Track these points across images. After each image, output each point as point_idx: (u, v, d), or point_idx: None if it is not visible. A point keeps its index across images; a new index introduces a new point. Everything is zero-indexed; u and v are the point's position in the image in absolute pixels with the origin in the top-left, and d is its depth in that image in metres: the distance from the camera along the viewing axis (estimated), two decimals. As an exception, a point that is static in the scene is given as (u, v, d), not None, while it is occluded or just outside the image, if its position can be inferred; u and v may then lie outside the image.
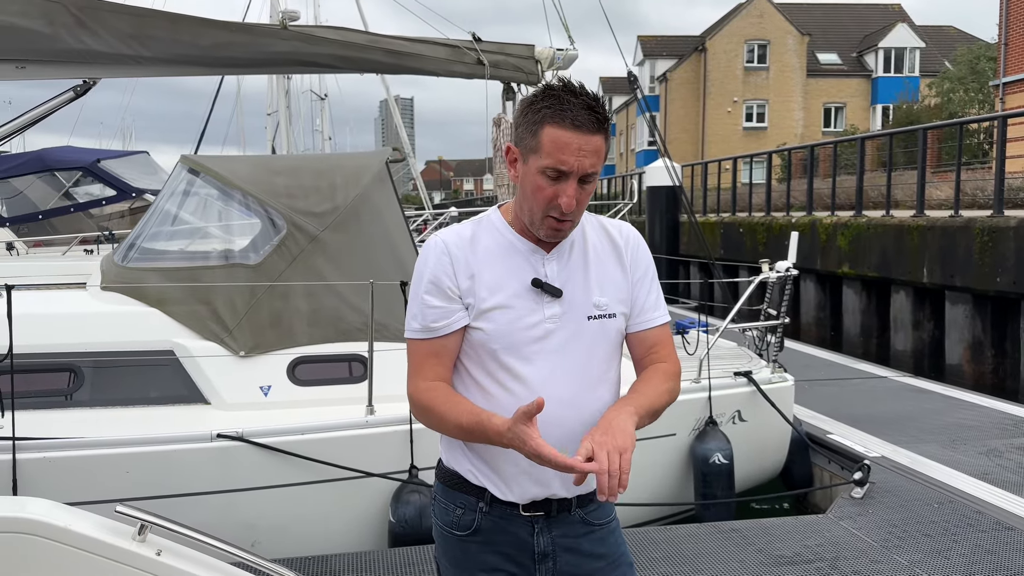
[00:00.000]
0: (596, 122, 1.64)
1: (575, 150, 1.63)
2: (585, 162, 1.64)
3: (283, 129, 20.39)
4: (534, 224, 1.72)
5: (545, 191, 1.66)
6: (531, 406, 1.53)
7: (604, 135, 1.67)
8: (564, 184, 1.65)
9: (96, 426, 4.07)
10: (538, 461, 1.56)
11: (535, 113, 1.67)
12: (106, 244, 9.30)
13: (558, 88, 1.67)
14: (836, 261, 11.88)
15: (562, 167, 1.63)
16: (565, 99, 1.64)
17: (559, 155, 1.63)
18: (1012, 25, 21.60)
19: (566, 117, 1.62)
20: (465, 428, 1.68)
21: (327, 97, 29.94)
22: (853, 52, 41.14)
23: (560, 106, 1.63)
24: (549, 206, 1.67)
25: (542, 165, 1.65)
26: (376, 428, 4.24)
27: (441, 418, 1.73)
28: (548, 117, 1.64)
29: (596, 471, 1.51)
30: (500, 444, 1.62)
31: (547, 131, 1.64)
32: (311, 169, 5.13)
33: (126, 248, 4.98)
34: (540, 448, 1.53)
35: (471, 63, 5.75)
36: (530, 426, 1.55)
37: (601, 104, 1.67)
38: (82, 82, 4.90)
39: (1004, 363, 9.11)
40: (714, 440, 4.81)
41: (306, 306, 4.69)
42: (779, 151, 18.06)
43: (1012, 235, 8.58)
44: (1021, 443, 5.69)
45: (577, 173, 1.64)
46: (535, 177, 1.68)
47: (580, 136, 1.63)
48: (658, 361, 1.86)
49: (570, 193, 1.65)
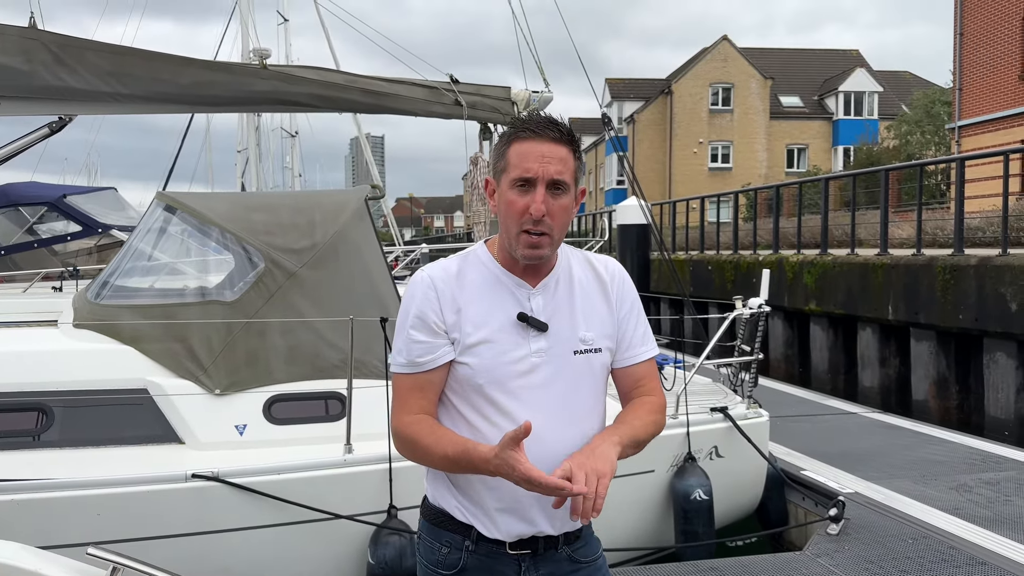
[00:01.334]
0: (558, 132, 1.73)
1: (538, 156, 1.70)
2: (550, 168, 1.70)
3: (253, 166, 20.33)
4: (511, 245, 1.75)
5: (516, 204, 1.72)
6: (518, 431, 1.54)
7: (569, 149, 1.74)
8: (533, 192, 1.71)
9: (66, 467, 3.97)
10: (527, 487, 1.57)
11: (504, 140, 1.77)
12: (70, 280, 9.14)
13: (523, 117, 1.80)
14: (803, 298, 12.08)
15: (527, 174, 1.70)
16: (529, 119, 1.76)
17: (523, 164, 1.71)
18: (965, 71, 22.44)
19: (528, 130, 1.73)
20: (451, 458, 1.69)
21: (297, 134, 29.99)
22: (814, 95, 42.32)
23: (523, 124, 1.75)
24: (522, 219, 1.71)
25: (511, 179, 1.73)
26: (354, 467, 4.18)
27: (427, 450, 1.73)
28: (513, 136, 1.75)
29: (581, 492, 1.54)
30: (487, 472, 1.63)
31: (513, 148, 1.74)
32: (290, 206, 5.13)
33: (99, 285, 4.92)
34: (529, 472, 1.54)
35: (449, 104, 5.84)
36: (518, 451, 1.56)
37: (564, 124, 1.76)
38: (58, 118, 4.88)
39: (968, 398, 9.29)
40: (694, 476, 4.83)
41: (283, 343, 4.66)
42: (745, 191, 18.42)
43: (973, 273, 8.81)
44: (989, 478, 5.79)
45: (543, 179, 1.70)
46: (507, 194, 1.74)
47: (542, 144, 1.71)
48: (645, 394, 1.88)
49: (538, 199, 1.69)
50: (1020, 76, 20.59)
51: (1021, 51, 20.61)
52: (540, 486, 1.55)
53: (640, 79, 44.72)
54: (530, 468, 1.54)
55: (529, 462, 1.56)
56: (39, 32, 4.64)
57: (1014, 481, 5.69)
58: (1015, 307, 8.25)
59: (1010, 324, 8.32)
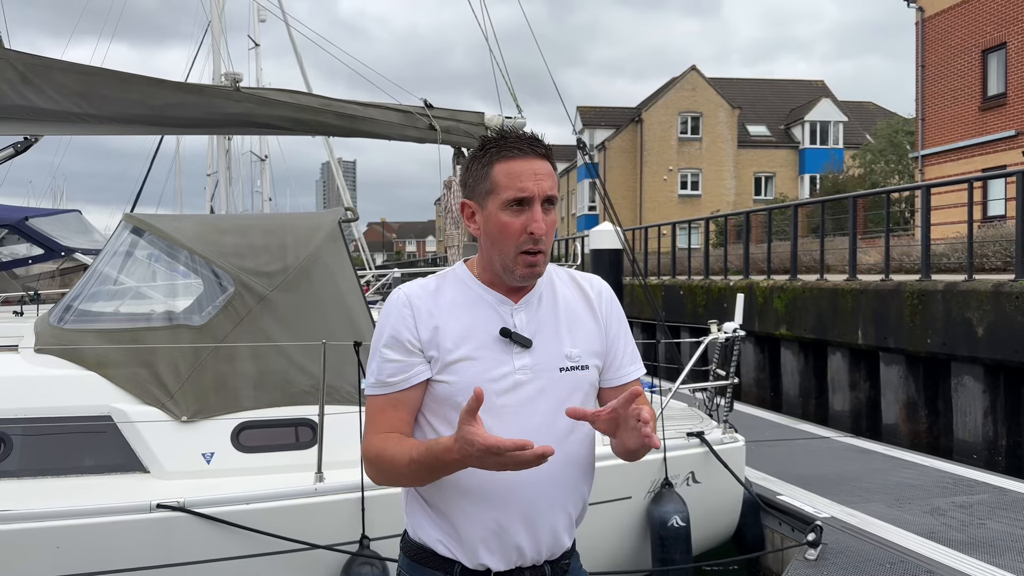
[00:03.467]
0: (542, 148, 1.70)
1: (531, 175, 1.66)
2: (544, 184, 1.67)
3: (223, 189, 20.15)
4: (507, 267, 1.70)
5: (513, 225, 1.67)
6: (472, 401, 1.47)
7: (551, 163, 1.72)
8: (530, 211, 1.66)
9: (25, 498, 3.82)
10: (495, 462, 1.48)
11: (482, 159, 1.71)
12: (31, 305, 8.92)
13: (496, 135, 1.73)
14: (774, 323, 12.18)
15: (523, 194, 1.66)
16: (507, 137, 1.70)
17: (517, 183, 1.66)
18: (928, 102, 23.03)
19: (512, 149, 1.68)
20: (417, 460, 1.62)
21: (267, 158, 29.80)
22: (781, 125, 43.15)
23: (504, 143, 1.69)
24: (520, 240, 1.67)
25: (503, 200, 1.67)
26: (325, 496, 4.08)
27: (392, 461, 1.66)
28: (495, 156, 1.69)
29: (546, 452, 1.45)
30: (454, 462, 1.55)
31: (498, 168, 1.68)
32: (261, 228, 5.05)
33: (63, 309, 4.78)
34: (487, 441, 1.46)
35: (423, 128, 5.82)
36: (475, 424, 1.49)
37: (541, 138, 1.74)
38: (23, 139, 4.77)
39: (938, 422, 9.38)
40: (671, 502, 4.79)
41: (253, 369, 4.55)
42: (715, 217, 18.63)
43: (940, 298, 8.94)
44: (963, 501, 5.82)
45: (539, 196, 1.67)
46: (498, 216, 1.68)
47: (531, 162, 1.67)
48: None
49: (538, 217, 1.66)
50: (980, 107, 21.17)
51: (981, 83, 21.21)
52: (502, 453, 1.46)
53: (611, 107, 45.30)
54: (487, 436, 1.47)
55: (486, 432, 1.48)
56: (5, 51, 4.54)
57: (987, 504, 5.73)
58: (981, 331, 8.38)
59: (976, 348, 8.44)
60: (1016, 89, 20.04)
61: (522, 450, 1.46)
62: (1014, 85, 20.10)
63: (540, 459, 1.47)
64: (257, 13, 24.33)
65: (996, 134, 20.33)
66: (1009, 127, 20.05)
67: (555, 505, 1.74)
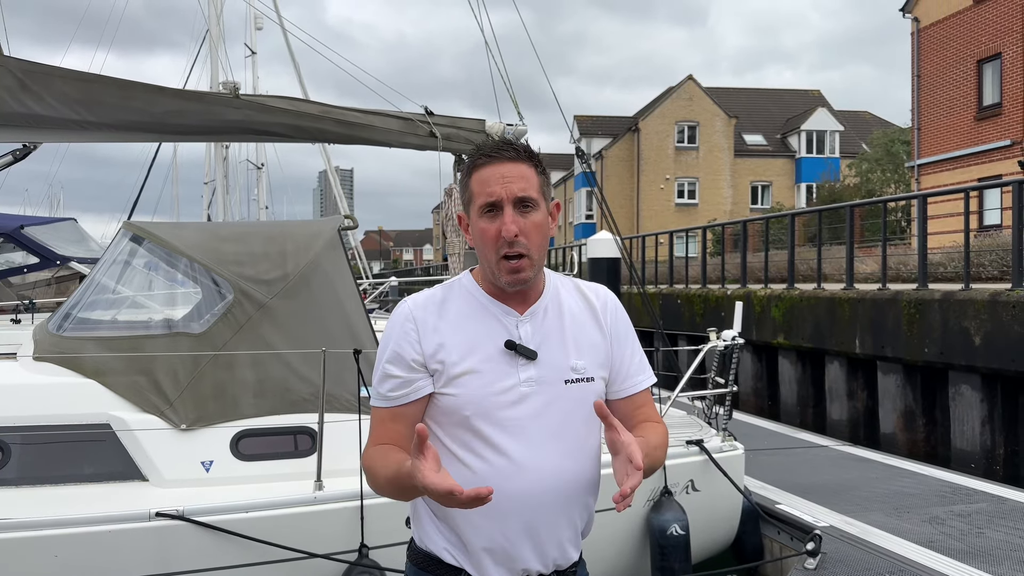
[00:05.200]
0: (513, 151, 1.71)
1: (498, 178, 1.68)
2: (512, 187, 1.67)
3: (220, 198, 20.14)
4: (494, 274, 1.71)
5: (488, 231, 1.68)
6: (416, 439, 1.44)
7: (528, 165, 1.71)
8: (501, 215, 1.67)
9: (23, 506, 3.80)
10: (438, 498, 1.45)
11: (466, 172, 1.75)
12: (26, 314, 8.89)
13: (479, 145, 1.78)
14: (771, 332, 12.19)
15: (491, 198, 1.67)
16: (483, 145, 1.76)
17: (486, 189, 1.68)
18: (923, 112, 23.14)
19: (483, 156, 1.72)
20: (390, 480, 1.62)
21: (264, 166, 29.81)
22: (777, 134, 43.28)
23: (480, 152, 1.73)
24: (497, 244, 1.67)
25: (478, 207, 1.70)
26: (325, 505, 4.07)
27: (375, 476, 1.67)
28: (471, 166, 1.73)
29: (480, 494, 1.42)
30: (416, 488, 1.51)
31: (474, 177, 1.71)
32: (261, 235, 5.04)
33: (62, 317, 4.76)
34: (424, 480, 1.43)
35: (424, 135, 5.82)
36: (421, 458, 1.46)
37: (520, 142, 1.76)
38: (22, 146, 4.77)
39: (935, 431, 9.39)
40: (670, 511, 4.77)
41: (252, 376, 4.53)
42: (712, 226, 18.67)
43: (937, 307, 8.97)
44: (961, 510, 5.82)
45: (507, 199, 1.67)
46: (478, 224, 1.70)
47: (500, 165, 1.69)
48: (645, 420, 1.83)
49: (507, 220, 1.66)
50: (976, 117, 21.27)
51: (976, 93, 21.32)
52: (435, 497, 1.45)
53: (607, 116, 45.40)
54: (426, 476, 1.44)
55: (429, 470, 1.45)
56: (5, 58, 4.54)
57: (985, 513, 5.73)
58: (978, 341, 8.40)
59: (973, 357, 8.45)
60: (1011, 99, 20.14)
61: (452, 495, 1.42)
62: (1009, 95, 20.20)
63: (476, 501, 1.44)
64: (254, 21, 24.39)
65: (992, 144, 20.42)
66: (1004, 137, 20.15)
67: (561, 517, 1.73)
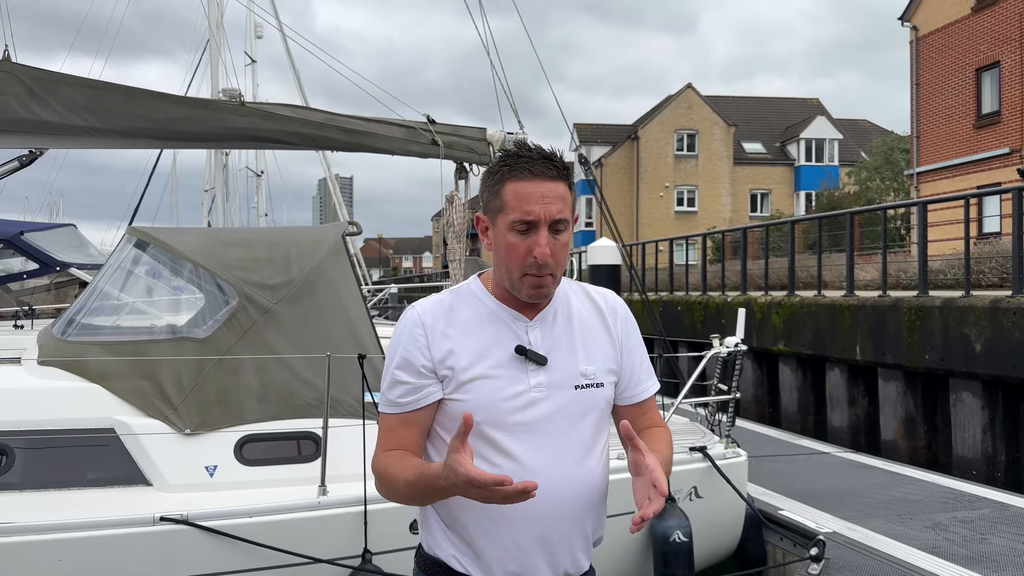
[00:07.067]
0: (555, 169, 1.66)
1: (538, 198, 1.63)
2: (551, 208, 1.63)
3: (220, 205, 20.16)
4: (514, 286, 1.69)
5: (518, 247, 1.65)
6: (462, 427, 1.45)
7: (566, 184, 1.67)
8: (535, 235, 1.64)
9: (27, 510, 3.80)
10: (477, 495, 1.46)
11: (495, 175, 1.69)
12: (25, 319, 8.90)
13: (513, 150, 1.70)
14: (772, 339, 12.20)
15: (528, 217, 1.63)
16: (521, 155, 1.67)
17: (524, 206, 1.63)
18: (922, 120, 23.21)
19: (524, 169, 1.64)
20: (412, 483, 1.61)
21: (263, 174, 29.88)
22: (776, 142, 43.40)
23: (517, 162, 1.66)
24: (525, 263, 1.65)
25: (510, 221, 1.65)
26: (329, 510, 4.07)
27: (393, 481, 1.66)
28: (507, 174, 1.66)
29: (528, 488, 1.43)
30: (443, 489, 1.53)
31: (508, 187, 1.65)
32: (265, 241, 5.06)
33: (66, 321, 4.77)
34: (469, 473, 1.44)
35: (426, 143, 5.85)
36: (462, 451, 1.46)
37: (558, 156, 1.68)
38: (28, 152, 4.79)
39: (936, 438, 9.39)
40: (673, 517, 4.77)
41: (256, 381, 4.54)
42: (712, 233, 18.71)
43: (938, 314, 8.98)
44: (964, 516, 5.82)
45: (545, 220, 1.63)
46: (505, 236, 1.66)
47: (541, 184, 1.63)
48: (651, 424, 1.85)
49: (542, 243, 1.63)
50: (975, 125, 21.34)
51: (975, 101, 21.40)
52: (484, 487, 1.44)
53: (607, 124, 45.51)
54: (470, 468, 1.44)
55: (471, 464, 1.45)
56: (12, 65, 4.57)
57: (988, 519, 5.73)
58: (979, 347, 8.41)
59: (974, 364, 8.46)
60: (1010, 107, 20.22)
61: (502, 485, 1.42)
62: (1008, 103, 20.28)
63: (522, 495, 1.44)
64: (255, 30, 24.47)
65: (991, 152, 20.49)
66: (1003, 145, 20.22)
67: (574, 526, 1.73)
